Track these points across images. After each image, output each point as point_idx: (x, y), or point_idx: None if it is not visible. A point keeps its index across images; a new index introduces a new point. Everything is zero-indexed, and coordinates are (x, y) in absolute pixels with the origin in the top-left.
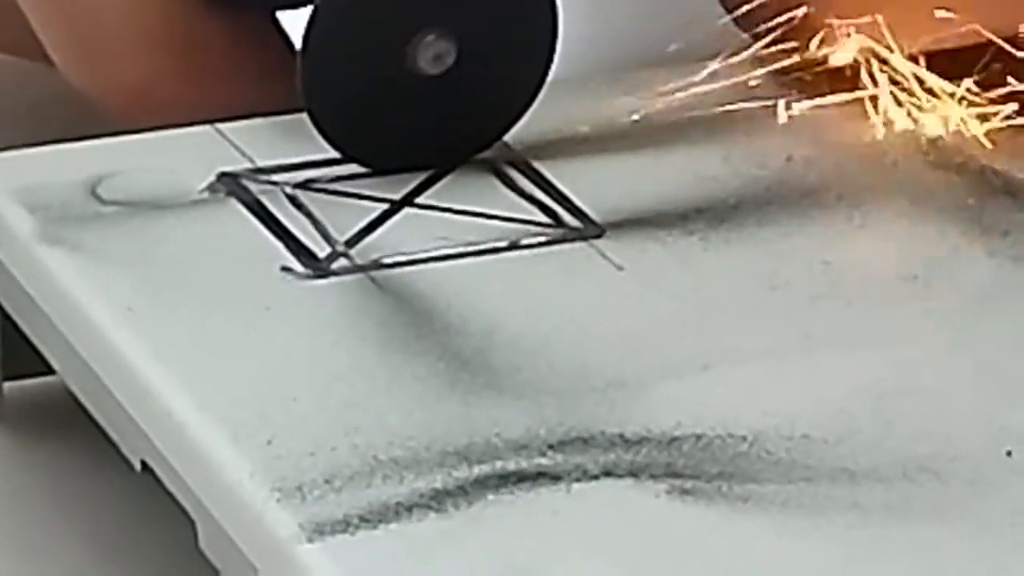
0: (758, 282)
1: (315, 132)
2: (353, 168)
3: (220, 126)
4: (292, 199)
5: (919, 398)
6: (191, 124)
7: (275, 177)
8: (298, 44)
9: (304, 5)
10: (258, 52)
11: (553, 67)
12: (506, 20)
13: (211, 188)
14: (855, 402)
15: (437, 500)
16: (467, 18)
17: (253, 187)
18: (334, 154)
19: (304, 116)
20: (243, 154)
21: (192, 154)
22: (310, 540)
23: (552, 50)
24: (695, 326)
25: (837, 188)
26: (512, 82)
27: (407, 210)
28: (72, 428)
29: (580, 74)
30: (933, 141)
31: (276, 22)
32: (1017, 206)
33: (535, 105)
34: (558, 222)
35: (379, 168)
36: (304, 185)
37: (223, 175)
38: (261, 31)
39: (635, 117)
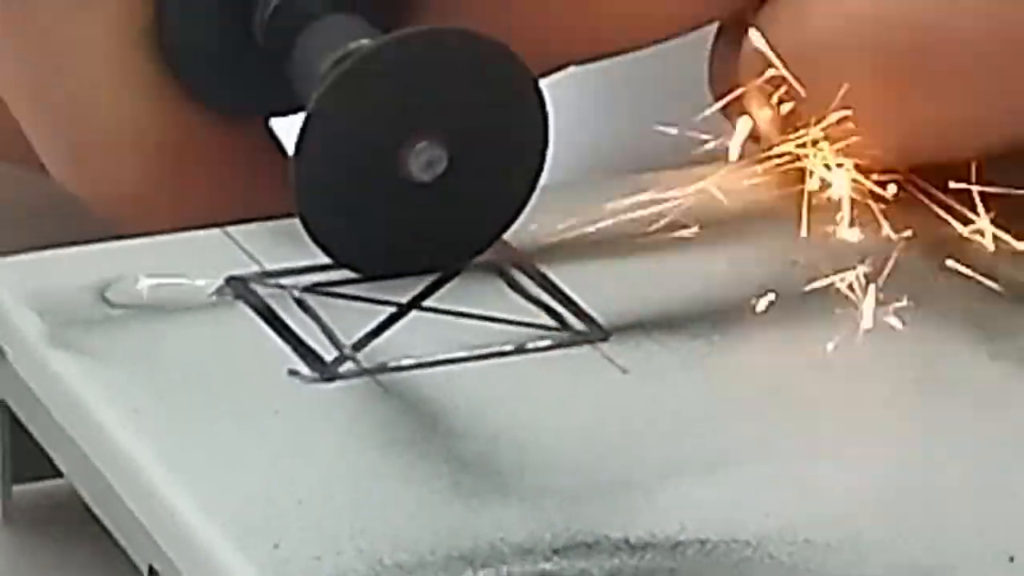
0: (761, 385)
1: (307, 238)
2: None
3: (229, 229)
4: (300, 302)
5: (921, 503)
6: (188, 229)
7: (283, 281)
8: (291, 150)
9: (297, 112)
10: (251, 158)
11: (547, 172)
12: (497, 127)
13: (219, 292)
14: (857, 507)
15: None
16: (459, 126)
17: (261, 290)
18: None
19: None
20: (251, 257)
21: (201, 258)
22: None
23: (543, 157)
24: (699, 429)
25: (842, 292)
26: (503, 188)
27: (414, 313)
28: (80, 531)
29: (586, 177)
30: (939, 246)
31: (270, 129)
32: (1023, 310)
33: (542, 208)
34: (564, 325)
35: (371, 274)
36: (312, 288)
37: (231, 279)
38: (254, 137)
39: (640, 221)
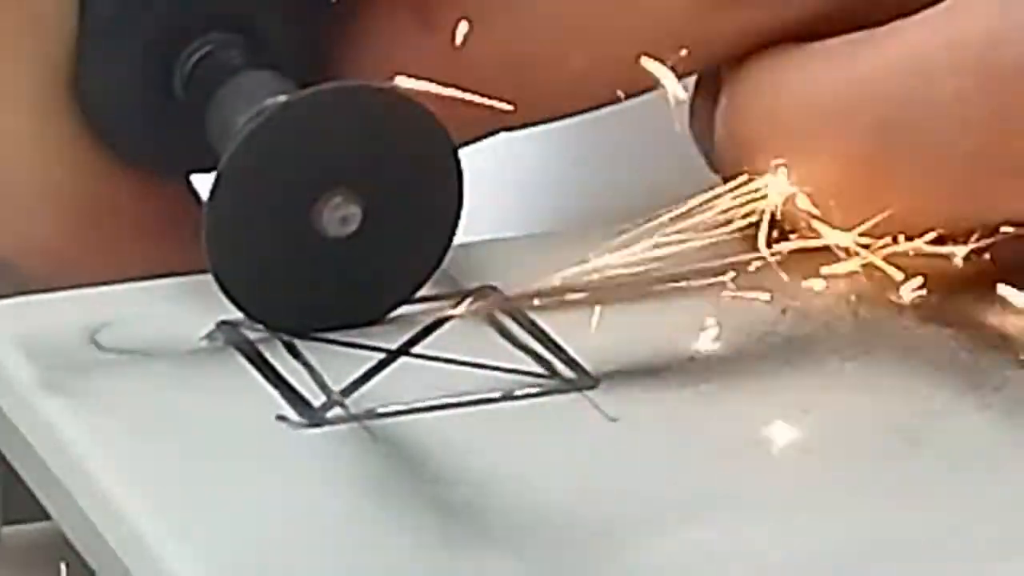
0: (747, 434)
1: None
2: None
3: None
4: (290, 348)
5: (905, 552)
6: (111, 282)
7: None
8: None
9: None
10: (171, 213)
11: (540, 221)
12: (413, 185)
13: (210, 336)
14: (840, 555)
15: None
16: (374, 182)
17: (252, 335)
18: None
19: None
20: None
21: (192, 302)
22: None
23: (458, 215)
24: (683, 477)
25: (829, 342)
26: (418, 246)
27: (403, 359)
28: (68, 573)
29: (575, 227)
30: (925, 297)
31: (191, 186)
32: (1009, 361)
33: (534, 256)
34: (553, 373)
35: (283, 330)
36: (301, 333)
37: (222, 323)
38: (174, 192)
39: (629, 271)
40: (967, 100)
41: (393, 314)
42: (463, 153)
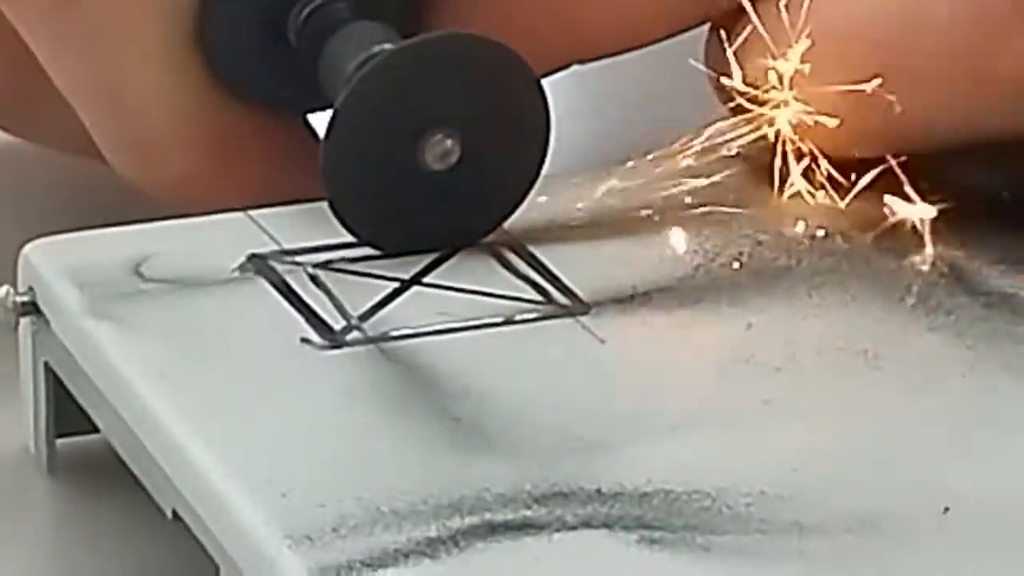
0: (725, 355)
1: (334, 220)
2: (368, 250)
3: (252, 212)
4: (313, 278)
5: (866, 460)
6: (227, 211)
7: (299, 258)
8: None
9: (326, 109)
10: (289, 148)
11: (548, 162)
12: (504, 122)
13: (241, 268)
14: (807, 463)
15: (431, 547)
16: (470, 120)
17: (279, 267)
18: (352, 238)
19: (325, 204)
20: (271, 237)
21: (226, 237)
22: None
23: (545, 148)
24: (667, 394)
25: (800, 271)
26: (510, 177)
27: (415, 288)
28: (115, 480)
29: (576, 165)
30: (888, 229)
31: (307, 123)
32: (960, 289)
33: (531, 196)
34: (549, 300)
35: (390, 252)
36: (324, 265)
37: (252, 256)
38: (292, 129)
39: (622, 205)
40: (958, 24)
41: None
42: None
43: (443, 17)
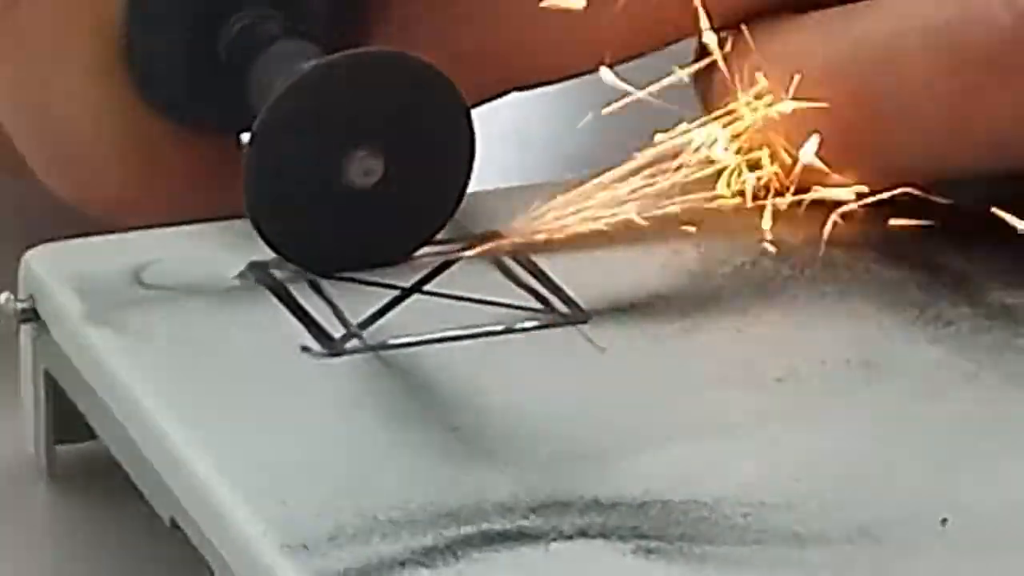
0: (725, 364)
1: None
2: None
3: None
4: (313, 285)
5: (865, 471)
6: (166, 225)
7: None
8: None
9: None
10: (220, 166)
11: (540, 171)
12: (428, 139)
13: (242, 276)
14: (807, 473)
15: (428, 557)
16: (393, 137)
17: (279, 275)
18: None
19: None
20: None
21: (227, 245)
22: None
23: (470, 164)
24: (666, 403)
25: (802, 280)
26: (434, 195)
27: (416, 296)
28: (113, 487)
29: (576, 174)
30: (890, 240)
31: (238, 140)
32: (962, 300)
33: (535, 202)
34: (549, 308)
35: (313, 270)
36: (332, 274)
37: (253, 264)
38: (223, 147)
39: (621, 215)
40: (937, 77)
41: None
42: (478, 112)
43: (380, 38)
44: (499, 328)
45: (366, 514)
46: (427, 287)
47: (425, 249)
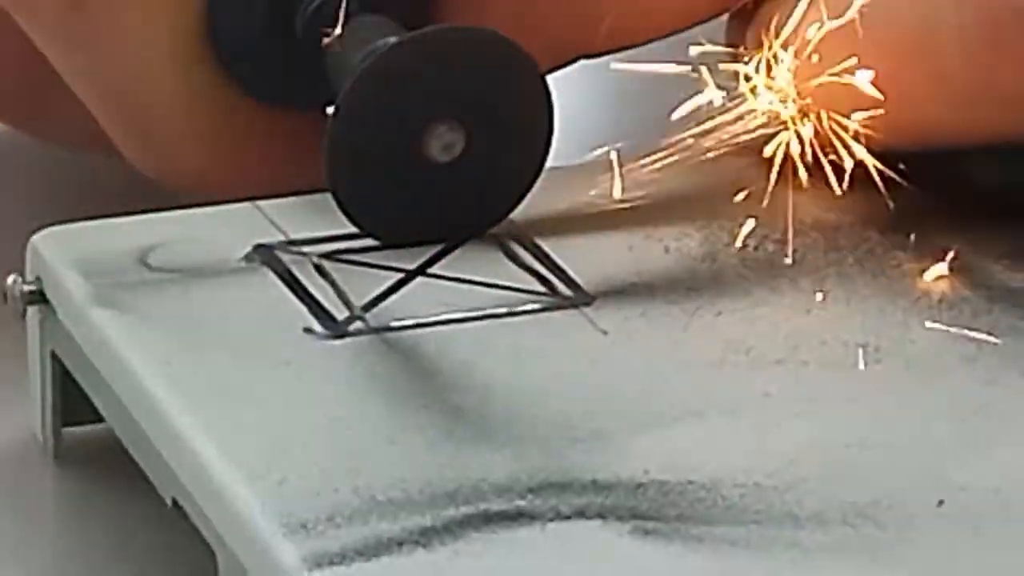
0: (727, 347)
1: (338, 212)
2: (374, 241)
3: (259, 202)
4: (318, 268)
5: (863, 452)
6: (234, 201)
7: (304, 248)
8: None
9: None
10: (298, 142)
11: (553, 154)
12: (508, 116)
13: (247, 258)
14: (805, 454)
15: (425, 537)
16: (474, 113)
17: (284, 257)
18: (357, 229)
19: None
20: (278, 228)
21: (232, 227)
22: (310, 571)
23: (548, 142)
24: (667, 385)
25: (805, 265)
26: (512, 170)
27: (420, 279)
28: (119, 468)
29: (582, 157)
30: (892, 223)
31: (316, 116)
32: (963, 282)
33: (536, 188)
34: (553, 291)
35: (393, 244)
36: (329, 256)
37: (258, 246)
38: (301, 123)
39: (626, 198)
40: (967, 32)
41: None
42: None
43: (452, 11)
44: (502, 311)
45: (364, 494)
46: (431, 270)
47: None
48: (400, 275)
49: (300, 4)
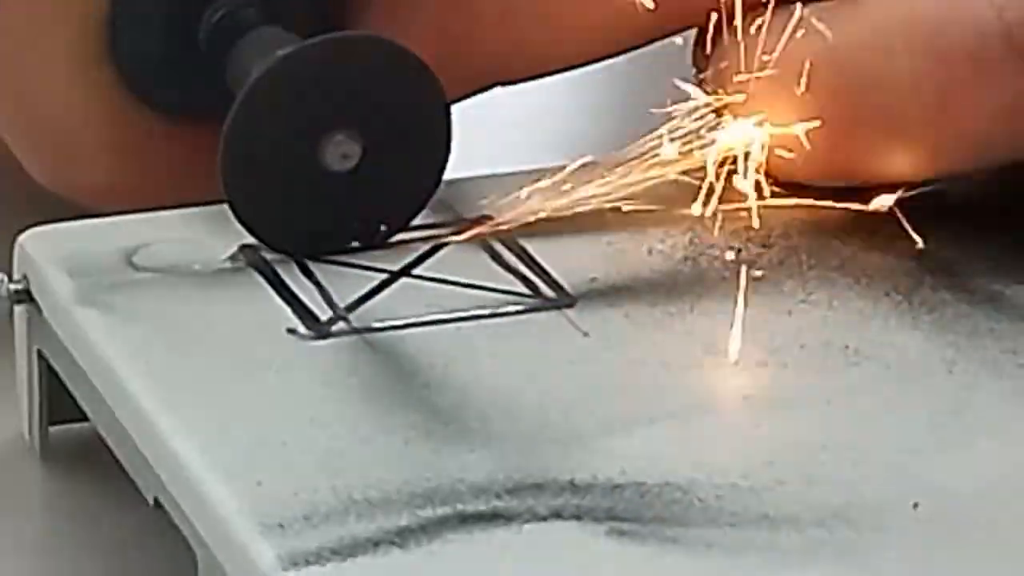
0: (708, 349)
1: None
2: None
3: None
4: (303, 268)
5: (840, 454)
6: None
7: None
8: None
9: None
10: (203, 154)
11: (534, 156)
12: (406, 124)
13: (233, 258)
14: (782, 456)
15: (402, 537)
16: (371, 122)
17: (270, 258)
18: None
19: None
20: None
21: (219, 228)
22: (285, 570)
23: (447, 148)
24: (646, 386)
25: (786, 268)
26: (410, 180)
27: (404, 280)
28: (103, 467)
29: (566, 159)
30: (875, 226)
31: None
32: (944, 286)
33: (520, 189)
34: (536, 293)
35: (290, 253)
36: (315, 256)
37: (244, 247)
38: (206, 136)
39: (610, 200)
40: (918, 76)
41: (396, 239)
42: (477, 98)
43: (363, 26)
44: (485, 312)
45: (342, 494)
46: (416, 271)
47: (414, 233)
48: (385, 275)
49: (202, 15)
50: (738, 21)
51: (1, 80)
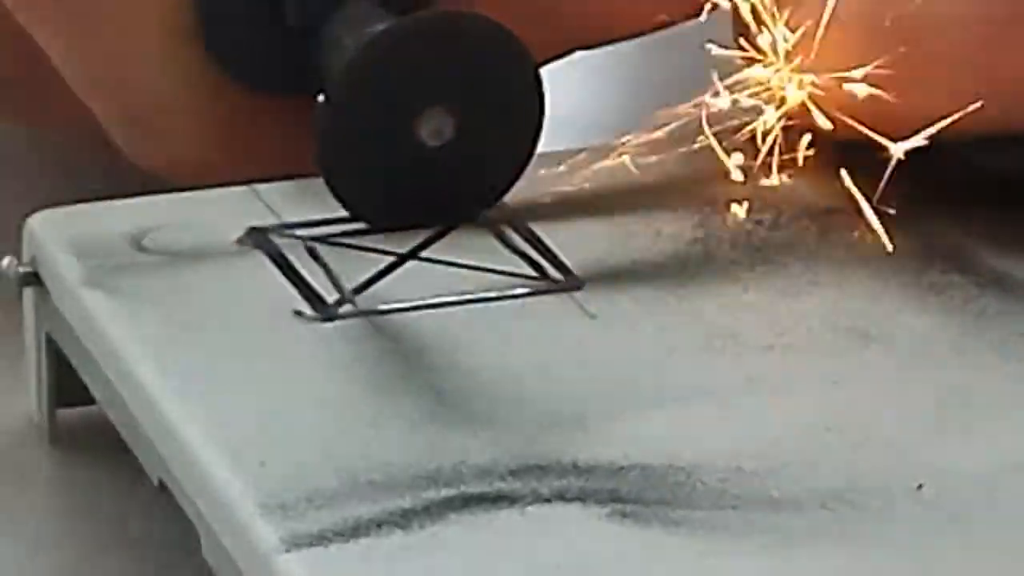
0: (714, 332)
1: (328, 193)
2: (365, 224)
3: (255, 186)
4: (311, 251)
5: (845, 436)
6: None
7: (298, 232)
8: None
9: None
10: (291, 128)
11: (542, 140)
12: (499, 101)
13: (241, 241)
14: (787, 439)
15: (404, 518)
16: (464, 98)
17: (278, 240)
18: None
19: None
20: (272, 211)
21: (227, 210)
22: (287, 551)
23: (539, 128)
24: (653, 369)
25: (796, 249)
26: (502, 156)
27: (411, 263)
28: (111, 449)
29: (575, 142)
30: (885, 209)
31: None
32: (953, 268)
33: (529, 172)
34: (543, 275)
35: (380, 226)
36: (322, 239)
37: (252, 229)
38: (295, 111)
39: (618, 183)
40: (963, 22)
41: None
42: None
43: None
44: (492, 294)
45: (345, 476)
46: (423, 253)
47: None
48: (392, 259)
49: None
50: None
51: (95, 62)
